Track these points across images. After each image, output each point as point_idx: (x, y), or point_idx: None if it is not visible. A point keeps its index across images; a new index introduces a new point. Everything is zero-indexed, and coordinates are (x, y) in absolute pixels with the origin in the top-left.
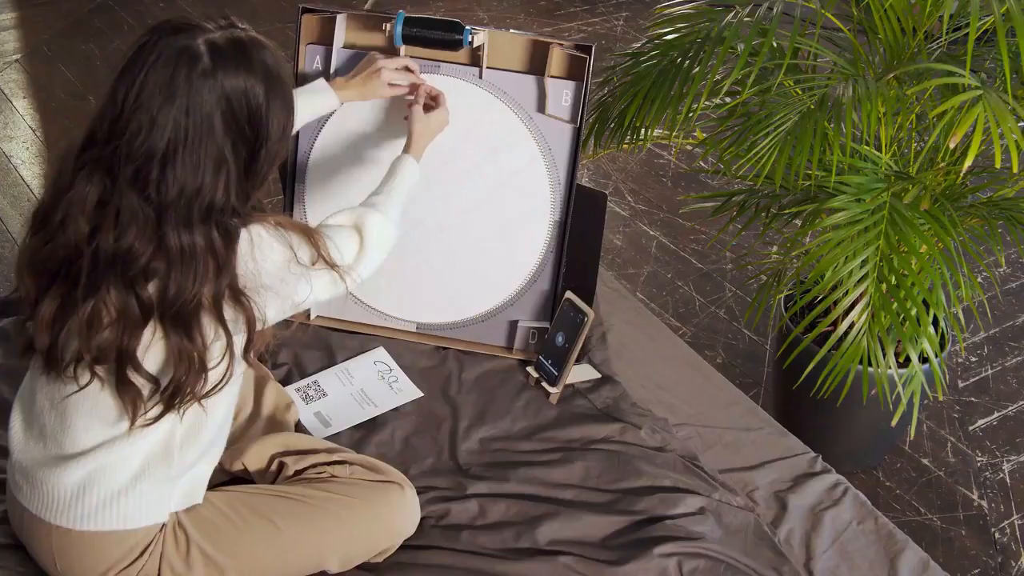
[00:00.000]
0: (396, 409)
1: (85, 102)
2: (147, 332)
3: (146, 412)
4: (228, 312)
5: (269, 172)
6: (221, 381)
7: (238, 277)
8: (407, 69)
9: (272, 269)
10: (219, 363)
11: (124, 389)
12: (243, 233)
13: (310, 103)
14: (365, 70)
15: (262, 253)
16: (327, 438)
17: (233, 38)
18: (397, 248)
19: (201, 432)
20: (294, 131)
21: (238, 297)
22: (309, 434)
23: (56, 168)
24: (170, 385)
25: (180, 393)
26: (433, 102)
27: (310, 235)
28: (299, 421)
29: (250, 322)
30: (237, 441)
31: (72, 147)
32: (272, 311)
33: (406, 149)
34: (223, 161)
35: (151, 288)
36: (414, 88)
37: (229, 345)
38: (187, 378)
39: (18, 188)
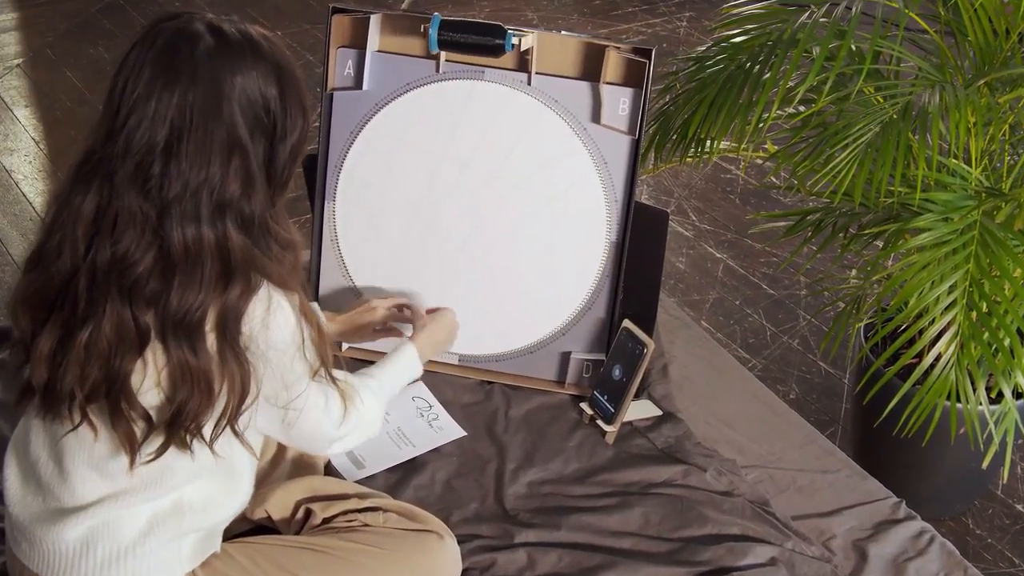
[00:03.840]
0: (436, 449)
1: (93, 110)
2: (150, 360)
3: (143, 446)
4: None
5: (291, 174)
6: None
7: (242, 334)
8: (403, 307)
9: (278, 343)
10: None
11: (118, 423)
12: (263, 291)
13: None
14: (355, 308)
15: (275, 322)
16: (360, 481)
17: (238, 27)
18: (436, 273)
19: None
20: None
21: (237, 350)
22: (340, 477)
23: (52, 197)
24: (172, 407)
25: (182, 418)
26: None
27: (323, 340)
28: (329, 462)
29: (244, 386)
30: (260, 485)
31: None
32: (266, 389)
33: (413, 337)
34: (236, 149)
35: (152, 309)
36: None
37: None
38: (191, 401)
39: (20, 205)
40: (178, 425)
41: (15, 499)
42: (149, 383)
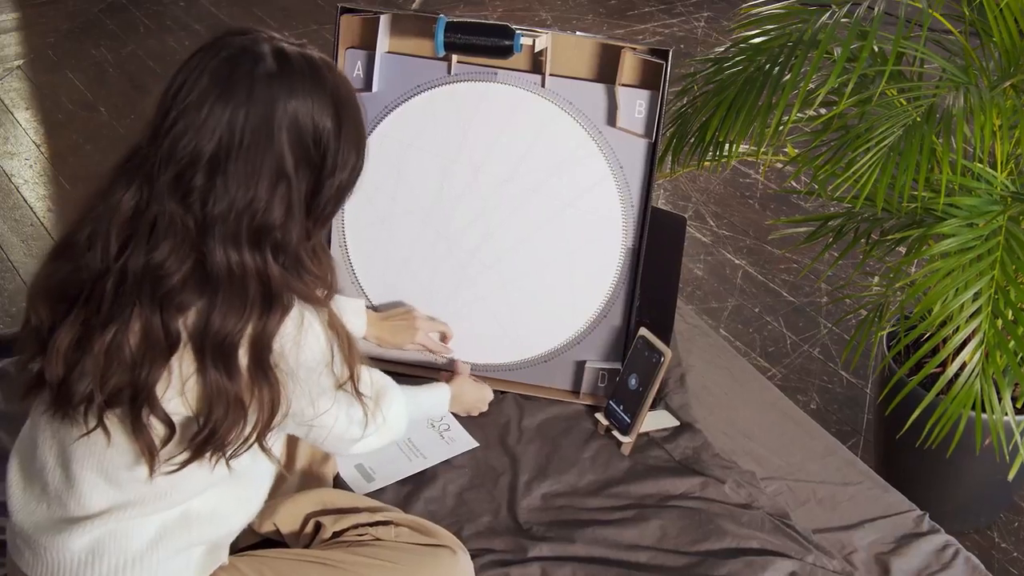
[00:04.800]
0: (448, 461)
1: (96, 113)
2: (176, 368)
3: (168, 458)
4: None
5: (334, 211)
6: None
7: (272, 351)
8: (443, 336)
9: (308, 361)
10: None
11: (139, 432)
12: (295, 310)
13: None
14: (398, 316)
15: (306, 339)
16: (370, 494)
17: (303, 53)
18: (447, 280)
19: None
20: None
21: (268, 369)
22: (349, 490)
23: (92, 186)
24: (204, 429)
25: (216, 439)
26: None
27: (352, 353)
28: (338, 475)
29: (274, 404)
30: (268, 498)
31: (113, 163)
32: (294, 406)
33: (452, 381)
34: (283, 176)
35: (188, 316)
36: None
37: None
38: (225, 422)
39: (20, 211)
40: (208, 445)
41: (18, 506)
42: (172, 391)
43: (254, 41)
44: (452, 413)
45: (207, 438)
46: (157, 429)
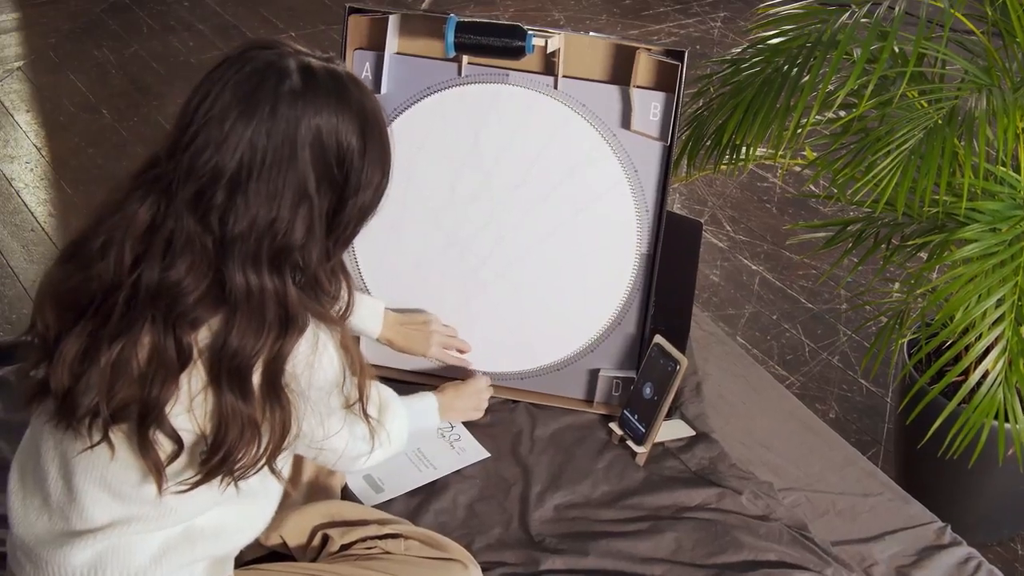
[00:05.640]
0: (458, 472)
1: (98, 115)
2: (184, 384)
3: (176, 477)
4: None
5: (356, 231)
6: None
7: (285, 372)
8: (459, 350)
9: (321, 383)
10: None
11: (146, 451)
12: (310, 331)
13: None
14: (416, 323)
15: (319, 362)
16: (378, 506)
17: (330, 69)
18: (458, 286)
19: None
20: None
21: (280, 390)
22: (358, 501)
23: (106, 192)
24: (219, 451)
25: (230, 462)
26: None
27: (363, 374)
28: (346, 486)
29: (285, 426)
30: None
31: (130, 171)
32: (304, 427)
33: (438, 391)
34: (305, 196)
35: (200, 335)
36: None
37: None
38: (239, 444)
39: (20, 216)
40: (223, 467)
41: (18, 518)
42: (180, 407)
43: (280, 56)
44: (463, 423)
45: (221, 460)
46: (164, 446)
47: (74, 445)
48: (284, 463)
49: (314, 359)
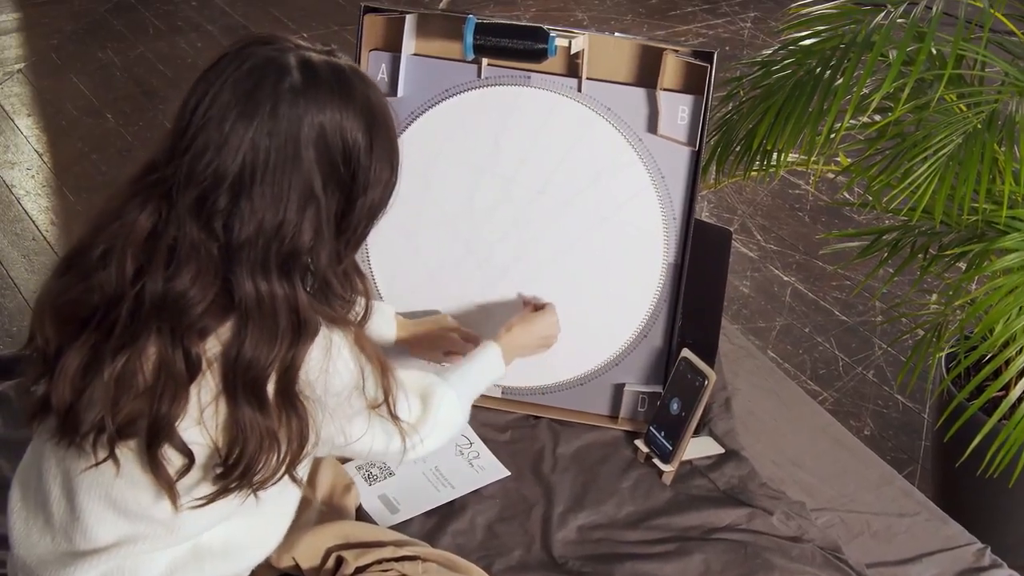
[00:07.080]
0: (477, 491)
1: (102, 119)
2: (194, 395)
3: (188, 491)
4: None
5: (366, 231)
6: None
7: (299, 380)
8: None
9: (337, 388)
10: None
11: (156, 468)
12: (322, 335)
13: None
14: (428, 323)
15: (334, 366)
16: (394, 527)
17: (332, 63)
18: (477, 296)
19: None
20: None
21: (295, 398)
22: (373, 522)
23: (105, 199)
24: (238, 464)
25: (250, 475)
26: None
27: (385, 372)
28: (361, 506)
29: (303, 435)
30: (287, 531)
31: (128, 176)
32: (324, 434)
33: (497, 338)
34: (311, 198)
35: (208, 344)
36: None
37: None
38: (259, 456)
39: (21, 224)
40: (243, 481)
41: (20, 538)
42: (190, 420)
43: (280, 51)
44: (482, 440)
45: (241, 473)
46: (174, 461)
47: (77, 463)
48: (304, 470)
49: (328, 364)
